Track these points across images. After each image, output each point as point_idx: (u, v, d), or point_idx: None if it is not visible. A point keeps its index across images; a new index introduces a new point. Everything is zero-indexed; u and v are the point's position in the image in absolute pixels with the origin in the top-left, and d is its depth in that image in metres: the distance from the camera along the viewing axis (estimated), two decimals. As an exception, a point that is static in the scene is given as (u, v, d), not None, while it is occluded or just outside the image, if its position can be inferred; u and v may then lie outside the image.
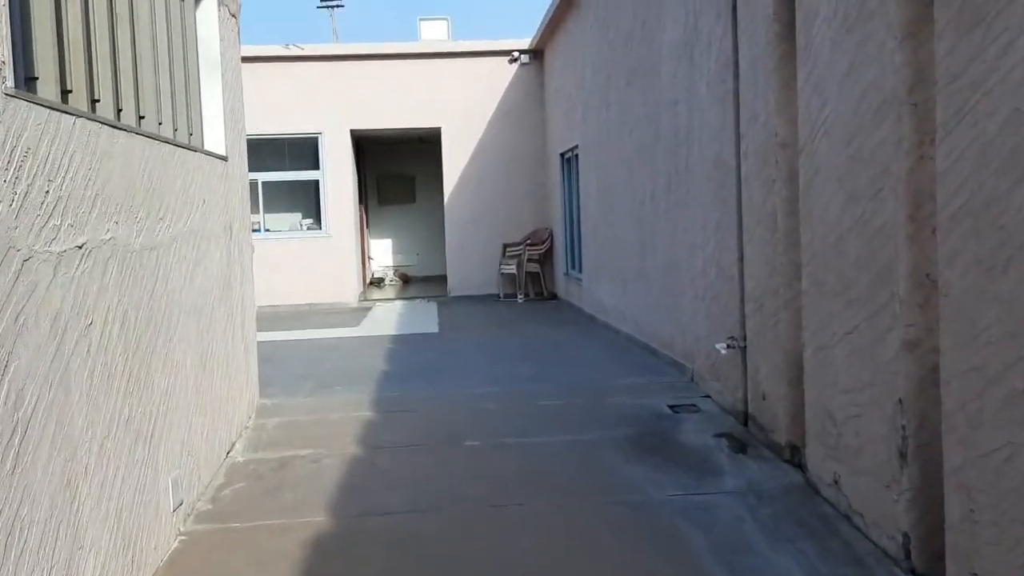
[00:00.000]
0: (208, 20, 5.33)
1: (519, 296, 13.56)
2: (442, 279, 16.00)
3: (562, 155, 12.78)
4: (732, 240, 5.27)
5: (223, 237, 5.24)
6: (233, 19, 6.02)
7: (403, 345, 9.30)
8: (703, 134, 5.93)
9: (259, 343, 6.73)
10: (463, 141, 14.13)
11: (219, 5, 5.48)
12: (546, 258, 14.06)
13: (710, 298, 5.91)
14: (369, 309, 13.35)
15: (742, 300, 5.15)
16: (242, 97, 6.28)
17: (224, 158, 5.40)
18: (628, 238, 8.61)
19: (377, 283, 16.96)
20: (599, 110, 9.74)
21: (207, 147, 5.21)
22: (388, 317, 12.12)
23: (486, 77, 14.10)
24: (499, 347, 8.92)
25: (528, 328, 10.30)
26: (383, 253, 18.29)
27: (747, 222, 5.01)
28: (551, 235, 13.84)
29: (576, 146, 11.44)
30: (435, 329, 10.54)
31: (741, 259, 5.14)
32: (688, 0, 6.22)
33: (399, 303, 13.99)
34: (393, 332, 10.42)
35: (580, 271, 11.66)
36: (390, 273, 17.67)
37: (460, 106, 14.08)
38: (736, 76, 5.13)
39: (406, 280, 17.60)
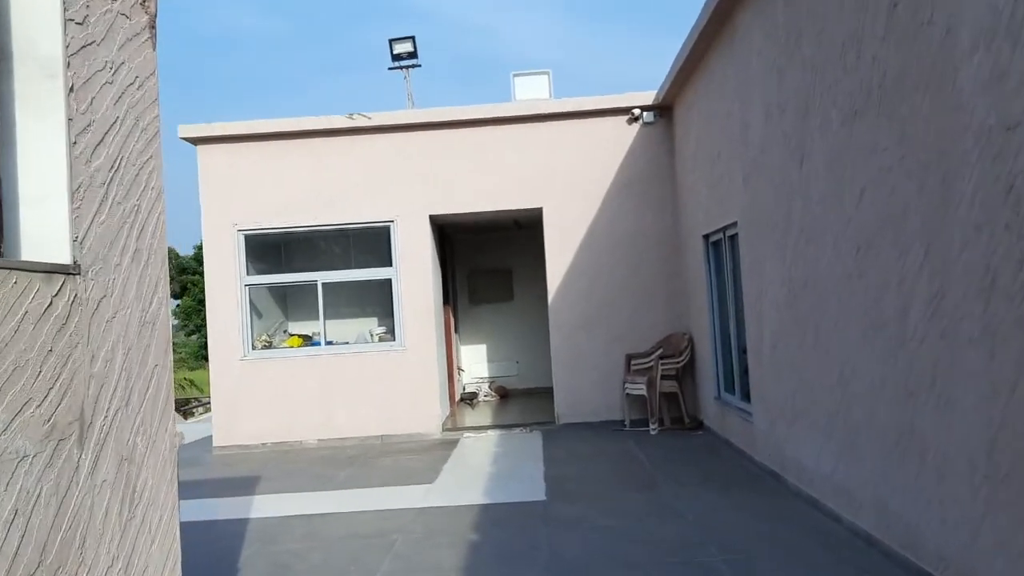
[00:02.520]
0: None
1: (652, 426, 10.15)
2: (547, 394, 12.75)
3: (707, 237, 9.51)
4: None
5: (49, 453, 2.19)
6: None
7: (491, 540, 6.03)
8: None
9: (271, 527, 3.55)
10: (571, 223, 11.06)
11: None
12: (685, 373, 10.65)
13: None
14: (454, 445, 10.18)
15: None
16: (159, 148, 3.27)
17: (70, 270, 2.40)
18: (861, 367, 5.20)
19: (469, 399, 13.84)
20: (783, 168, 6.49)
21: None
22: (476, 462, 8.90)
23: (599, 142, 11.09)
24: (647, 551, 5.54)
25: (682, 497, 6.87)
26: (476, 362, 15.21)
27: None
28: (691, 343, 10.46)
29: (733, 223, 8.17)
30: (540, 494, 7.24)
31: None
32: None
33: (493, 435, 10.78)
34: (479, 499, 7.18)
35: (746, 399, 8.22)
36: (484, 387, 14.53)
37: (566, 180, 11.07)
38: None
39: (504, 395, 14.41)
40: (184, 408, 18.35)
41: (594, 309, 11.01)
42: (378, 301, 12.19)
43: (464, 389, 14.54)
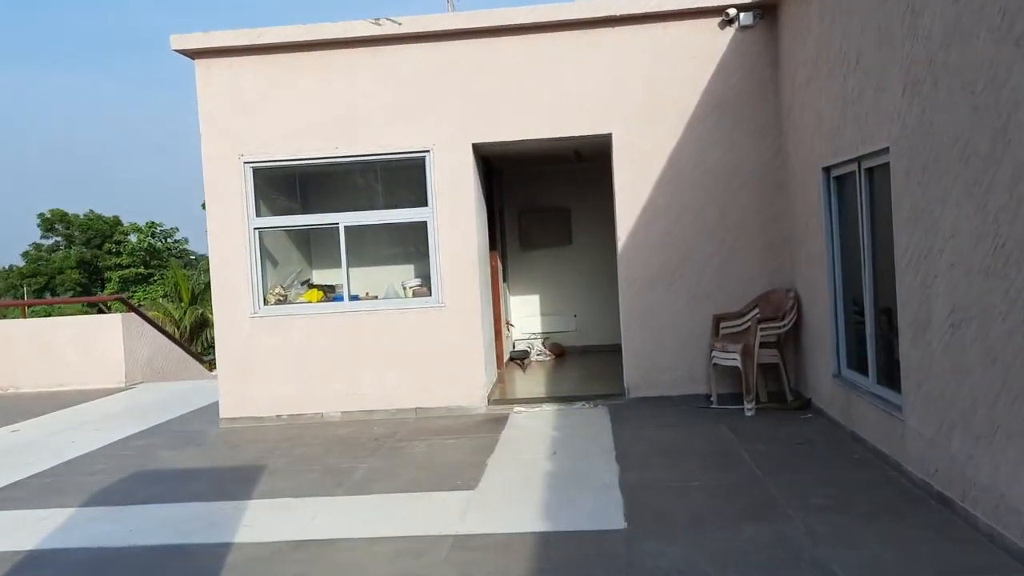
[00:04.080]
0: None
1: (748, 405, 8.20)
2: (610, 354, 10.84)
3: (828, 171, 7.39)
4: None
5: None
6: None
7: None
8: None
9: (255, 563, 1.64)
10: (646, 154, 8.98)
11: None
12: (787, 340, 8.64)
13: None
14: (502, 425, 8.37)
15: None
16: None
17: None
18: None
19: (519, 359, 11.99)
20: (991, 66, 4.34)
21: None
22: (530, 455, 7.06)
23: (682, 53, 8.92)
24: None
25: (820, 534, 4.93)
26: (527, 316, 13.32)
27: None
28: (797, 303, 8.42)
29: (881, 151, 6.03)
30: (618, 518, 5.36)
31: None
32: None
33: (550, 411, 8.93)
34: (535, 523, 5.33)
35: (892, 387, 6.20)
36: (537, 344, 12.66)
37: (641, 101, 8.96)
38: None
39: (560, 354, 12.55)
40: (210, 358, 16.88)
41: (675, 259, 8.98)
42: (412, 248, 10.31)
43: (514, 347, 12.70)
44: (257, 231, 9.32)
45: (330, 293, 9.82)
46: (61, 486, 7.06)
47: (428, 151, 9.10)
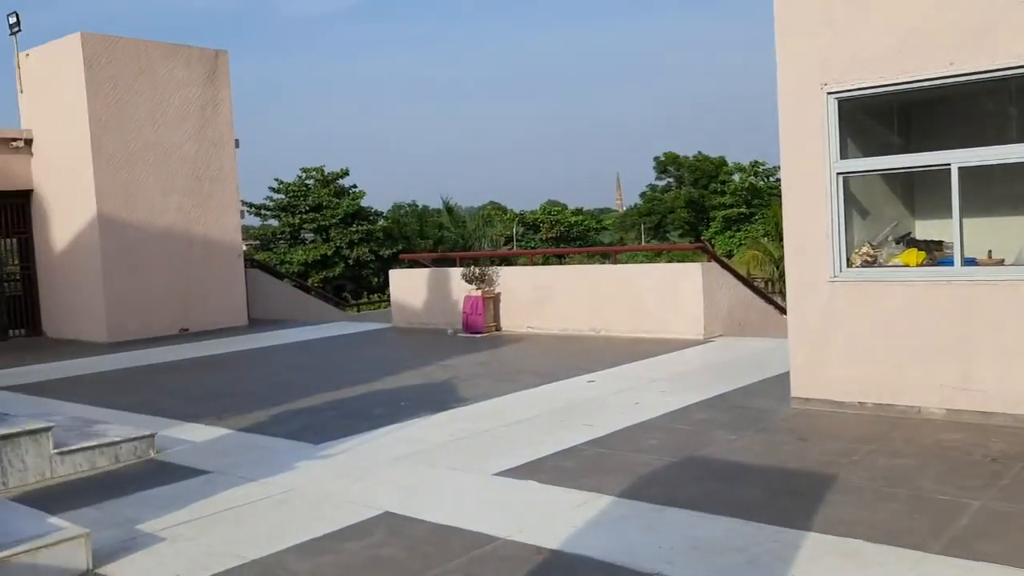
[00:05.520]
0: None
1: None
2: None
3: None
4: None
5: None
6: None
7: None
8: None
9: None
10: None
11: None
12: None
13: None
14: None
15: None
16: None
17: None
18: None
19: None
20: None
21: None
22: None
23: None
24: None
25: None
26: None
27: None
28: None
29: None
30: None
31: None
32: None
33: None
34: None
35: None
36: None
37: None
38: None
39: None
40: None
41: None
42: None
43: None
44: (841, 176, 7.60)
45: (936, 253, 7.65)
46: (608, 462, 6.52)
47: (1097, 53, 6.26)
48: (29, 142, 17.01)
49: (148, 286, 16.44)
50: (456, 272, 15.40)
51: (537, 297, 14.59)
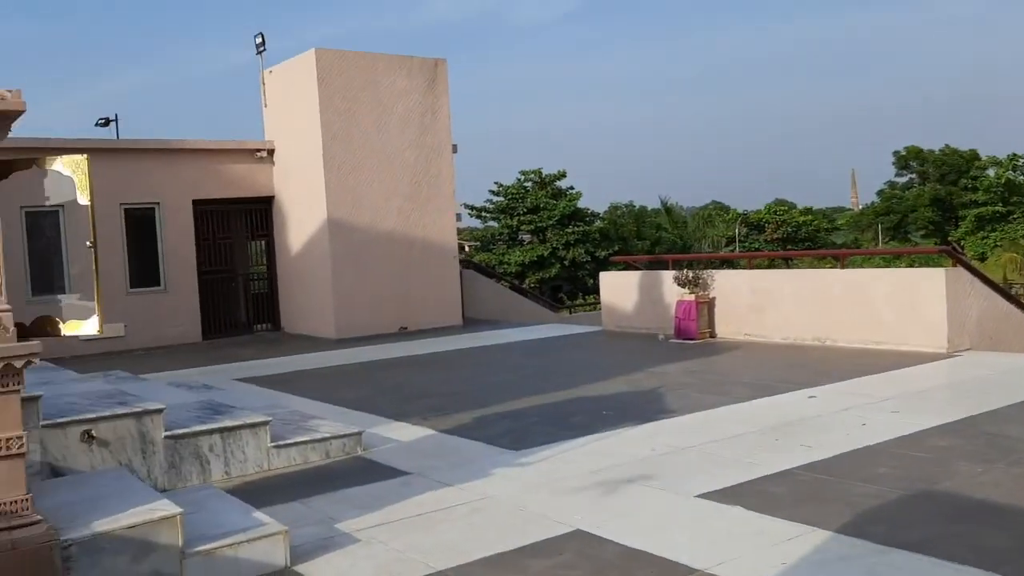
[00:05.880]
0: None
1: None
2: None
3: None
4: None
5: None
6: None
7: None
8: None
9: None
10: None
11: None
12: None
13: None
14: None
15: None
16: None
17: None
18: None
19: None
20: None
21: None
22: None
23: None
24: None
25: None
26: None
27: None
28: None
29: None
30: None
31: None
32: None
33: None
34: None
35: None
36: None
37: None
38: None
39: None
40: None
41: None
42: None
43: None
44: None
45: None
46: (826, 490, 5.87)
47: None
48: (271, 152, 18.45)
49: (372, 286, 17.28)
50: (668, 275, 14.88)
51: (755, 303, 13.76)
